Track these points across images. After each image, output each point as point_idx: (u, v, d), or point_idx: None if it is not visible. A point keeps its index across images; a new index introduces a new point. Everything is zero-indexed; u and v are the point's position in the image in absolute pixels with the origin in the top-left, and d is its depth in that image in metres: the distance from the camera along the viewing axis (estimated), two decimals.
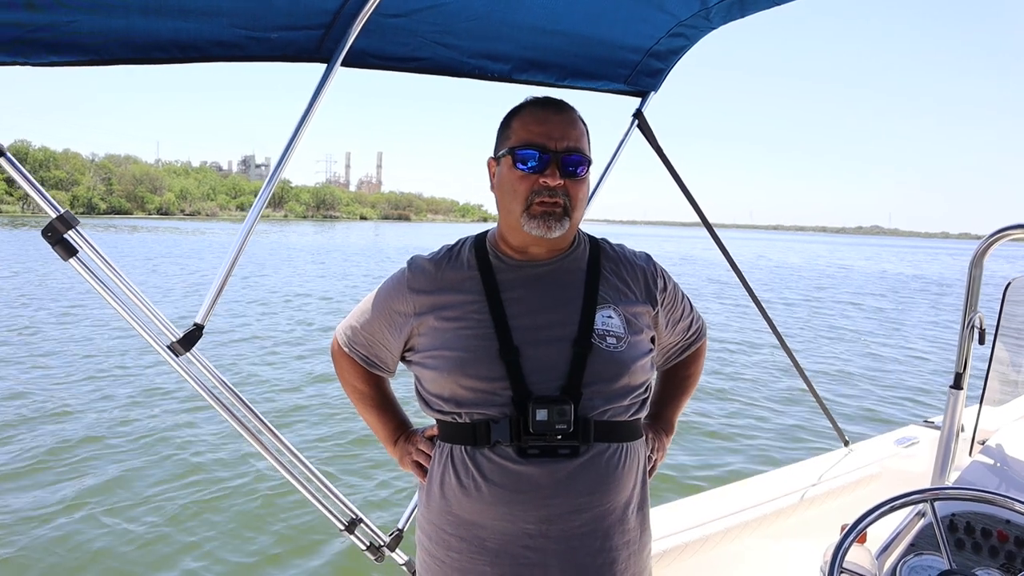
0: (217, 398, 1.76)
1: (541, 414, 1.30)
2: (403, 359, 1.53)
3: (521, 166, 1.34)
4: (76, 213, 1.68)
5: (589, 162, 1.39)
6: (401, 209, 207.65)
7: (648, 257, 1.57)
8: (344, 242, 53.41)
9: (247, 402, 1.82)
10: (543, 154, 1.33)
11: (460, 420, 1.38)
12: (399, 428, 1.63)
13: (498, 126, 1.45)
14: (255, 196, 1.90)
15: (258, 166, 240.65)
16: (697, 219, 2.90)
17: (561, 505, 1.33)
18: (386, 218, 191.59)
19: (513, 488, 1.32)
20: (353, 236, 67.40)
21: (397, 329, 1.48)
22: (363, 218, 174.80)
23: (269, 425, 1.88)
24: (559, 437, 1.32)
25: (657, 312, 1.53)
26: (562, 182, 1.33)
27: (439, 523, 1.42)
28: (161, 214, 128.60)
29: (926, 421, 3.68)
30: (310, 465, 1.98)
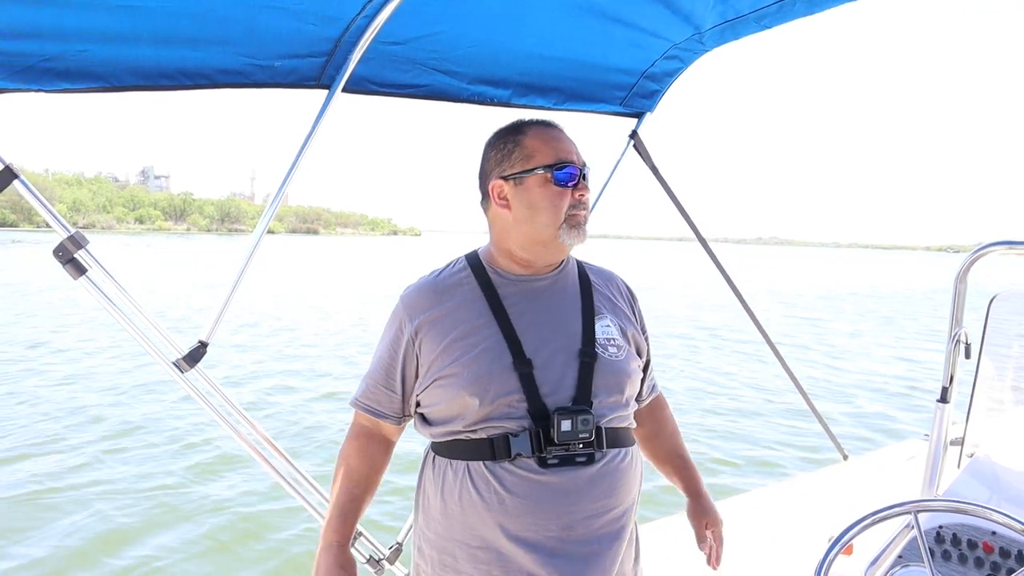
0: (219, 411, 1.82)
1: (566, 424, 1.32)
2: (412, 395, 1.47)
3: (561, 183, 1.38)
4: None
5: None
6: (309, 223, 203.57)
7: (618, 274, 1.64)
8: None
9: (247, 416, 1.89)
10: (575, 170, 1.40)
11: (476, 436, 1.37)
12: (348, 532, 1.47)
13: (494, 147, 1.44)
14: (155, 208, 1.94)
15: (158, 177, 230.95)
16: (603, 232, 2.93)
17: (582, 511, 1.35)
18: (294, 231, 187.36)
19: (537, 498, 1.33)
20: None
21: (405, 359, 1.44)
22: (270, 232, 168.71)
23: (268, 438, 1.92)
24: (580, 446, 1.34)
25: (640, 323, 1.59)
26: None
27: (461, 538, 1.38)
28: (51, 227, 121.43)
29: (925, 435, 3.79)
30: (309, 477, 2.01)
